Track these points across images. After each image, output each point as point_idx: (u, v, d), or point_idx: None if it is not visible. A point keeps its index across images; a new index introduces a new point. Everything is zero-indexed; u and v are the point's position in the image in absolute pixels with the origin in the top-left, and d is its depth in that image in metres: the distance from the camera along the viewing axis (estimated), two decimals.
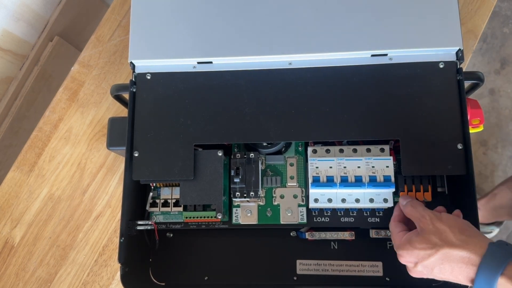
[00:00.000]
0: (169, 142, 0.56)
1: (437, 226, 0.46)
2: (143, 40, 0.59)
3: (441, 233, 0.46)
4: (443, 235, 0.45)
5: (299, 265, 0.59)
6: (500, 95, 1.37)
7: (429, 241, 0.46)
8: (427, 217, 0.48)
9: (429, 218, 0.47)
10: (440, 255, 0.44)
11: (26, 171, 0.74)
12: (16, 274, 0.70)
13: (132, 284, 0.54)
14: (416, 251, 0.46)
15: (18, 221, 0.72)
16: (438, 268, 0.45)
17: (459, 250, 0.44)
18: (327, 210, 0.57)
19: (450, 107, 0.53)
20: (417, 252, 0.46)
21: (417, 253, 0.46)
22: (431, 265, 0.45)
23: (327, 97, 0.55)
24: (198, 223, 0.59)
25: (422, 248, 0.46)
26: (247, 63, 0.57)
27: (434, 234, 0.46)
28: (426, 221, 0.47)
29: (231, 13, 0.58)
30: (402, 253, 0.48)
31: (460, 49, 0.55)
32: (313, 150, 0.56)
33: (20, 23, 0.84)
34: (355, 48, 0.56)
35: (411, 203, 0.51)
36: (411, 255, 0.47)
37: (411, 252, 0.47)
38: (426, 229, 0.47)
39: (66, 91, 0.77)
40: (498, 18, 1.41)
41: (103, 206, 0.72)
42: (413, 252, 0.46)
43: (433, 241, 0.45)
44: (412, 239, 0.47)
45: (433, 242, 0.45)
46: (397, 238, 0.50)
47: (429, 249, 0.45)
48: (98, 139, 0.75)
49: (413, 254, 0.46)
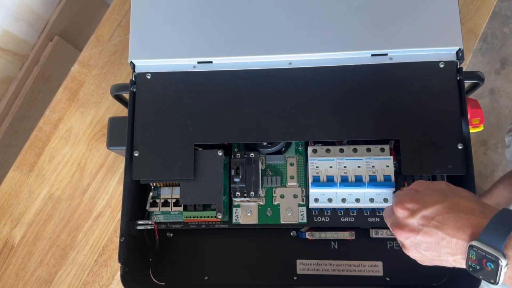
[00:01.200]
0: (169, 142, 0.56)
1: (452, 186, 0.43)
2: (143, 40, 0.59)
3: (455, 190, 0.42)
4: (457, 191, 0.42)
5: (299, 265, 0.59)
6: (500, 95, 1.37)
7: (441, 192, 0.41)
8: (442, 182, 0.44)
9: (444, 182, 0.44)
10: (449, 203, 0.40)
11: (26, 171, 0.74)
12: (16, 274, 0.70)
13: (132, 284, 0.54)
14: (423, 197, 0.41)
15: (18, 221, 0.72)
16: (440, 217, 0.40)
17: (471, 202, 0.40)
18: (327, 210, 0.57)
19: (450, 107, 0.53)
20: (423, 198, 0.41)
21: (423, 199, 0.41)
22: (434, 214, 0.40)
23: (327, 97, 0.55)
24: (198, 223, 0.59)
25: (431, 195, 0.41)
26: (247, 63, 0.57)
27: (448, 189, 0.42)
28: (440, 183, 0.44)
29: (231, 13, 0.58)
30: (404, 198, 0.42)
31: (460, 49, 0.55)
32: (313, 150, 0.56)
33: (20, 23, 0.84)
34: (355, 48, 0.56)
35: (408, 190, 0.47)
36: (415, 200, 0.41)
37: (416, 198, 0.42)
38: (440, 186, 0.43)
39: (66, 91, 0.77)
40: (498, 18, 1.41)
41: (103, 206, 0.72)
42: (419, 198, 0.41)
43: (446, 192, 0.41)
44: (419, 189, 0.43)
45: (445, 193, 0.41)
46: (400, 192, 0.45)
47: (439, 196, 0.41)
48: (98, 139, 0.75)
49: (418, 200, 0.41)
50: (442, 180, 0.46)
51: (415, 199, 0.42)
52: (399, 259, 0.57)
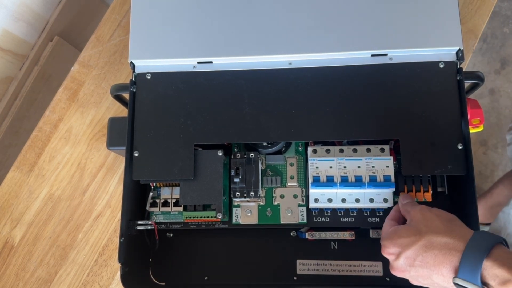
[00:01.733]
0: (169, 142, 0.56)
1: (425, 215, 0.46)
2: (143, 40, 0.59)
3: (427, 220, 0.45)
4: (429, 222, 0.45)
5: (299, 265, 0.59)
6: (500, 95, 1.37)
7: (415, 228, 0.45)
8: (418, 208, 0.47)
9: (419, 209, 0.47)
10: (424, 241, 0.43)
11: (26, 171, 0.74)
12: (16, 274, 0.70)
13: (132, 284, 0.54)
14: (400, 239, 0.45)
15: (18, 221, 0.72)
16: (420, 258, 0.43)
17: (443, 236, 0.43)
18: (327, 210, 0.57)
19: (450, 107, 0.53)
20: (400, 241, 0.45)
21: (400, 241, 0.45)
22: (414, 255, 0.43)
23: (327, 97, 0.55)
24: (198, 223, 0.59)
25: (407, 235, 0.45)
26: (247, 63, 0.57)
27: (421, 222, 0.45)
28: (416, 211, 0.47)
29: (231, 13, 0.58)
30: (386, 243, 0.46)
31: (460, 49, 0.55)
32: (313, 150, 0.56)
33: (20, 23, 0.84)
34: (355, 48, 0.56)
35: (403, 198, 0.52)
36: (394, 244, 0.45)
37: (395, 241, 0.45)
38: (414, 218, 0.46)
39: (66, 91, 0.77)
40: (498, 18, 1.41)
41: (103, 206, 0.72)
42: (397, 241, 0.45)
43: (419, 228, 0.45)
44: (398, 229, 0.46)
45: (419, 229, 0.44)
46: (385, 230, 0.49)
47: (413, 236, 0.44)
48: (98, 139, 0.75)
49: (397, 243, 0.45)
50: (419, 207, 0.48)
51: (394, 242, 0.45)
52: None
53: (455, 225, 0.44)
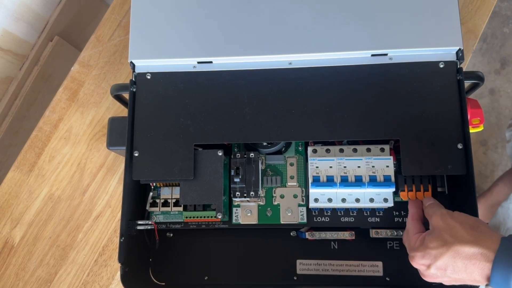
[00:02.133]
0: (169, 142, 0.56)
1: (448, 223, 0.45)
2: (143, 40, 0.59)
3: (451, 229, 0.45)
4: (453, 231, 0.44)
5: (299, 265, 0.59)
6: (500, 95, 1.37)
7: (441, 238, 0.45)
8: (438, 214, 0.47)
9: (440, 214, 0.47)
10: (452, 252, 0.43)
11: (26, 171, 0.74)
12: (16, 274, 0.70)
13: (132, 284, 0.54)
14: (428, 251, 0.45)
15: (18, 221, 0.72)
16: (451, 268, 0.44)
17: (471, 246, 0.43)
18: (327, 210, 0.57)
19: (450, 107, 0.53)
20: (429, 252, 0.45)
21: (429, 253, 0.45)
22: (444, 265, 0.44)
23: (327, 97, 0.55)
24: (198, 223, 0.59)
25: (434, 247, 0.45)
26: (247, 63, 0.57)
27: (445, 231, 0.45)
28: (437, 218, 0.47)
29: (231, 13, 0.58)
30: (415, 255, 0.47)
31: (460, 49, 0.55)
32: (313, 150, 0.56)
33: (20, 23, 0.84)
34: (355, 48, 0.56)
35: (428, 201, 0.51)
36: (423, 256, 0.46)
37: (424, 253, 0.46)
38: (437, 226, 0.46)
39: (66, 91, 0.77)
40: (498, 18, 1.41)
41: (103, 206, 0.72)
42: (426, 252, 0.45)
43: (444, 238, 0.44)
44: (424, 240, 0.46)
45: (444, 239, 0.44)
46: (412, 240, 0.49)
47: (440, 247, 0.44)
48: (98, 139, 0.75)
49: (426, 255, 0.45)
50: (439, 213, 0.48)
51: (423, 255, 0.46)
52: (399, 259, 0.57)
53: (480, 232, 0.44)
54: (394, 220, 0.56)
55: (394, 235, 0.56)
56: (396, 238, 0.57)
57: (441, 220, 0.46)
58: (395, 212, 0.56)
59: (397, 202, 0.56)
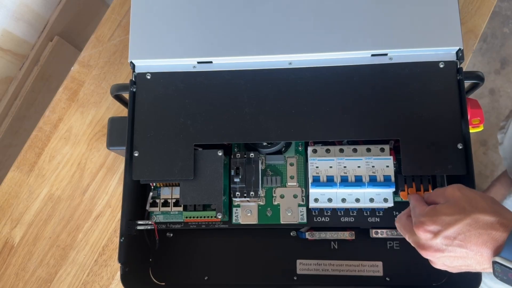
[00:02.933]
0: (169, 142, 0.56)
1: (467, 194, 0.43)
2: (143, 40, 0.59)
3: (471, 199, 0.42)
4: (473, 201, 0.42)
5: (299, 265, 0.59)
6: (500, 95, 1.37)
7: (459, 206, 0.42)
8: (455, 186, 0.44)
9: (457, 186, 0.44)
10: (469, 220, 0.41)
11: (26, 171, 0.74)
12: (16, 274, 0.70)
13: (132, 284, 0.54)
14: (441, 217, 0.42)
15: (18, 221, 0.72)
16: (462, 237, 0.41)
17: (491, 216, 0.40)
18: (327, 210, 0.57)
19: (450, 107, 0.53)
20: (442, 218, 0.42)
21: (442, 219, 0.42)
22: (455, 233, 0.41)
23: (327, 97, 0.55)
24: (198, 223, 0.59)
25: (450, 213, 0.42)
26: (247, 63, 0.57)
27: (463, 200, 0.43)
28: (453, 189, 0.44)
29: (231, 13, 0.58)
30: (425, 220, 0.43)
31: (460, 49, 0.55)
32: (313, 150, 0.56)
33: (20, 23, 0.84)
34: (355, 48, 0.56)
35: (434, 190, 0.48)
36: (434, 221, 0.42)
37: (436, 219, 0.42)
38: (454, 196, 0.43)
39: (66, 91, 0.77)
40: (498, 18, 1.41)
41: (103, 206, 0.72)
42: (438, 218, 0.42)
43: (463, 206, 0.42)
44: (438, 206, 0.44)
45: (463, 207, 0.42)
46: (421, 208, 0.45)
47: (457, 214, 0.41)
48: (98, 139, 0.75)
49: (438, 221, 0.42)
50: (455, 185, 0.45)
51: (434, 220, 0.42)
52: (399, 259, 0.57)
53: (500, 207, 0.42)
54: (394, 220, 0.56)
55: (394, 235, 0.56)
56: (396, 238, 0.57)
57: (459, 191, 0.44)
58: (395, 212, 0.56)
59: (397, 202, 0.56)
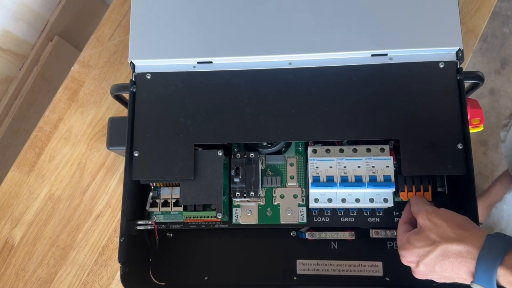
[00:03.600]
0: (169, 142, 0.56)
1: (434, 221, 0.46)
2: (143, 40, 0.59)
3: (438, 228, 0.45)
4: (440, 230, 0.45)
5: (299, 265, 0.59)
6: (500, 95, 1.37)
7: (427, 238, 0.45)
8: (424, 213, 0.47)
9: (425, 213, 0.47)
10: (439, 251, 0.44)
11: (26, 171, 0.74)
12: (16, 274, 0.70)
13: (132, 284, 0.54)
14: (416, 249, 0.46)
15: (18, 221, 0.72)
16: (439, 266, 0.44)
17: (457, 244, 0.43)
18: (327, 210, 0.57)
19: (450, 107, 0.53)
20: (417, 251, 0.46)
21: (417, 251, 0.46)
22: (432, 263, 0.45)
23: (327, 97, 0.55)
24: (198, 223, 0.59)
25: (421, 246, 0.45)
26: (247, 63, 0.57)
27: (431, 230, 0.45)
28: (423, 217, 0.47)
29: (231, 13, 0.58)
30: (403, 253, 0.48)
31: (460, 49, 0.55)
32: (313, 150, 0.56)
33: (20, 23, 0.84)
34: (355, 48, 0.56)
35: (414, 200, 0.51)
36: (411, 254, 0.46)
37: (412, 251, 0.46)
38: (424, 225, 0.47)
39: (66, 91, 0.77)
40: (498, 18, 1.41)
41: (103, 206, 0.72)
42: (413, 251, 0.46)
43: (431, 237, 0.45)
44: (410, 238, 0.47)
45: (431, 238, 0.45)
46: (399, 239, 0.50)
47: (428, 246, 0.45)
48: (98, 139, 0.75)
49: (414, 253, 0.46)
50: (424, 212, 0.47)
51: (411, 252, 0.47)
52: (399, 259, 0.57)
53: (467, 229, 0.44)
54: (394, 220, 0.56)
55: (394, 235, 0.56)
56: (396, 238, 0.57)
57: (427, 219, 0.46)
58: (395, 212, 0.56)
59: (397, 202, 0.56)
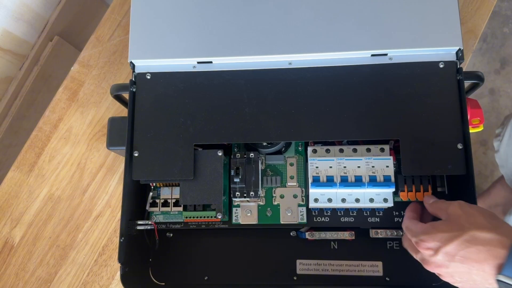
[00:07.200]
0: (169, 142, 0.56)
1: (466, 210, 0.44)
2: (143, 40, 0.59)
3: (469, 216, 0.43)
4: (471, 218, 0.43)
5: (299, 265, 0.59)
6: (500, 95, 1.37)
7: (457, 223, 0.43)
8: (456, 204, 0.45)
9: (458, 204, 0.45)
10: (467, 237, 0.41)
11: (26, 171, 0.74)
12: (16, 274, 0.70)
13: (132, 284, 0.54)
14: (439, 234, 0.43)
15: (18, 221, 0.72)
16: (462, 253, 0.41)
17: (487, 232, 0.41)
18: (327, 210, 0.57)
19: (450, 107, 0.53)
20: (440, 235, 0.43)
21: (440, 236, 0.43)
22: (455, 250, 0.42)
23: (327, 97, 0.55)
24: (198, 223, 0.59)
25: (447, 230, 0.43)
26: (247, 63, 0.57)
27: (463, 217, 0.43)
28: (455, 207, 0.45)
29: (231, 13, 0.58)
30: (424, 238, 0.44)
31: (460, 49, 0.55)
32: (313, 150, 0.56)
33: (20, 23, 0.84)
34: (355, 48, 0.56)
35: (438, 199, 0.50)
36: (433, 238, 0.43)
37: (434, 236, 0.43)
38: (454, 213, 0.44)
39: (66, 91, 0.77)
40: (498, 18, 1.41)
41: (103, 206, 0.72)
42: (436, 235, 0.43)
43: (461, 223, 0.43)
44: (436, 223, 0.45)
45: (461, 224, 0.43)
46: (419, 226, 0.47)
47: (455, 231, 0.42)
48: (98, 139, 0.75)
49: (436, 237, 0.43)
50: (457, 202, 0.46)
51: (433, 237, 0.43)
52: (399, 259, 0.57)
53: (499, 222, 0.43)
54: (394, 220, 0.56)
55: (394, 235, 0.56)
56: (396, 238, 0.57)
57: (459, 209, 0.44)
58: (395, 212, 0.56)
59: (397, 202, 0.56)
